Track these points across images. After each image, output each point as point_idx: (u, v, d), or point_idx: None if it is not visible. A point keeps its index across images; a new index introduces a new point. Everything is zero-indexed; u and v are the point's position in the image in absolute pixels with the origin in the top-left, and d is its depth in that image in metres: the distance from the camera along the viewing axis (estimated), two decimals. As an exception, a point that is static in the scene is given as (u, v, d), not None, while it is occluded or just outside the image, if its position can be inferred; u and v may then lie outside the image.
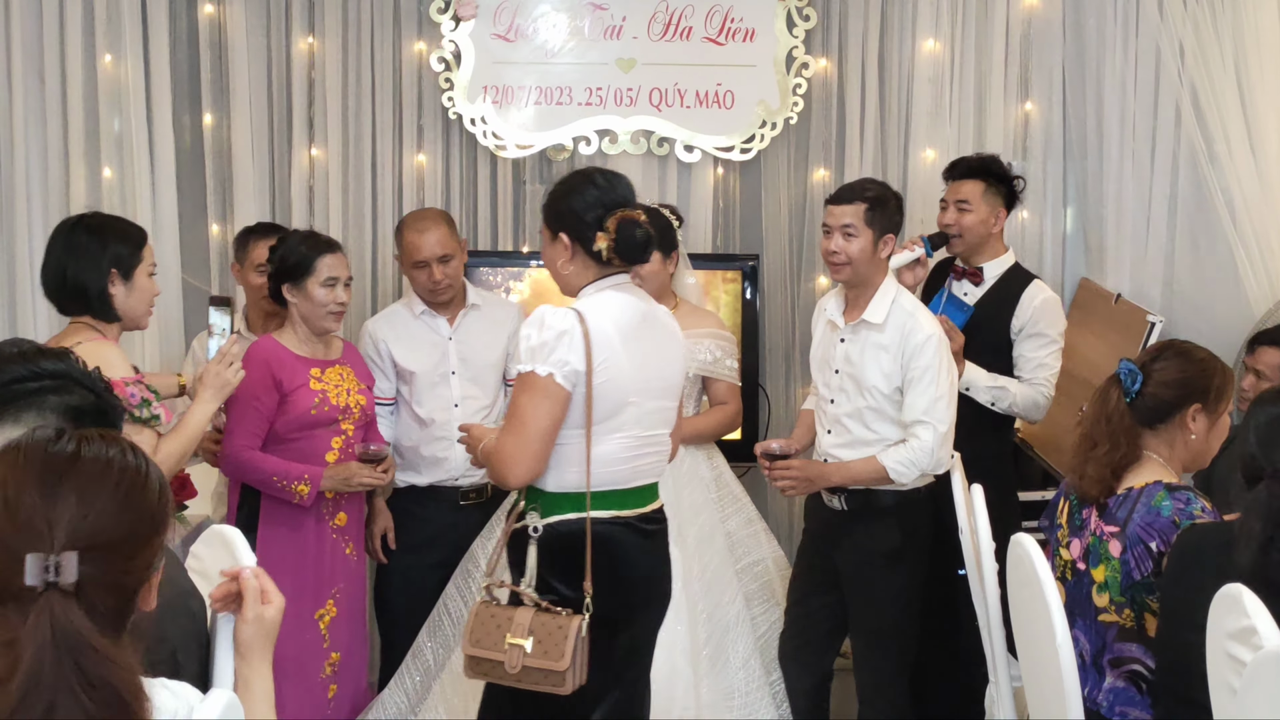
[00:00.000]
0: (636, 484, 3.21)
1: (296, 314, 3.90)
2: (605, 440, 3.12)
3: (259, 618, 2.01)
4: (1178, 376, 3.08)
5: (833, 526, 3.95)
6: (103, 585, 1.59)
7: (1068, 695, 2.53)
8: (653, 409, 3.19)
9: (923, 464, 3.74)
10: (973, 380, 4.20)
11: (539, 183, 5.18)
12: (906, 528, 3.90)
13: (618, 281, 3.19)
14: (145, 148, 4.97)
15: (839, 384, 3.86)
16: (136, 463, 1.70)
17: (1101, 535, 3.01)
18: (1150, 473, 3.04)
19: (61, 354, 2.24)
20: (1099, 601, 2.99)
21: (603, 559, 3.10)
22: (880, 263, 3.83)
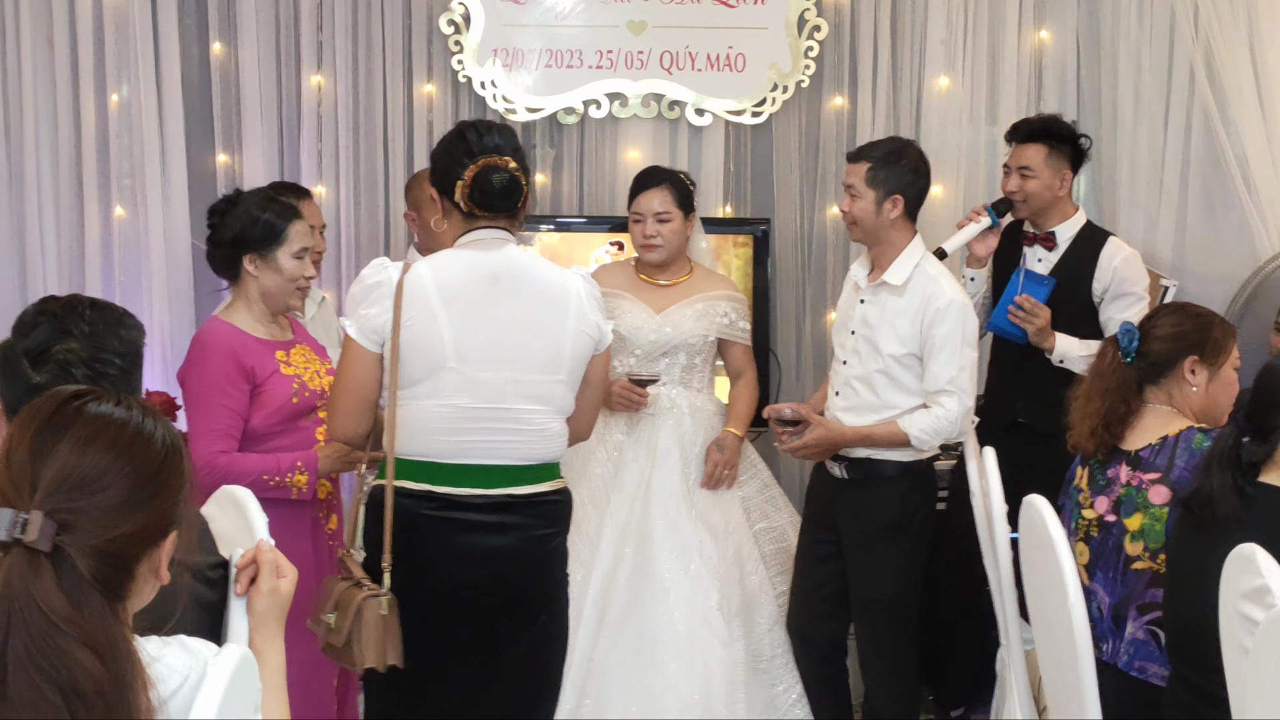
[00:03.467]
0: (469, 460, 2.98)
1: (254, 290, 3.38)
2: (417, 405, 2.96)
3: (274, 590, 2.02)
4: (1173, 330, 3.19)
5: (834, 495, 3.93)
6: (84, 549, 1.57)
7: (1080, 655, 2.53)
8: (495, 380, 2.97)
9: (946, 432, 3.73)
10: (1066, 352, 4.11)
11: (549, 146, 5.16)
12: (908, 499, 3.88)
13: (478, 237, 3.04)
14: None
15: (853, 345, 3.84)
16: (141, 422, 1.67)
17: (1139, 485, 3.07)
18: (1164, 422, 3.13)
19: None
20: (1131, 550, 3.05)
21: (402, 534, 2.95)
22: (894, 223, 3.78)
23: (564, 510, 3.16)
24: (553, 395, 3.05)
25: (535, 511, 3.06)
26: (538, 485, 3.06)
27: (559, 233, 4.94)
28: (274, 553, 2.04)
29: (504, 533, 3.01)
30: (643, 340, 4.10)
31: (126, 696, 1.54)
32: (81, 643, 1.52)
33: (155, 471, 1.66)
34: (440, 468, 2.98)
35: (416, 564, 2.97)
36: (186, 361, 3.37)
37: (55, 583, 1.54)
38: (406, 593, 2.93)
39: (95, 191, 4.96)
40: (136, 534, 1.62)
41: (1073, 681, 2.60)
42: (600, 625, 3.96)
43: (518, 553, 3.03)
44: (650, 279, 4.19)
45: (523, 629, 3.07)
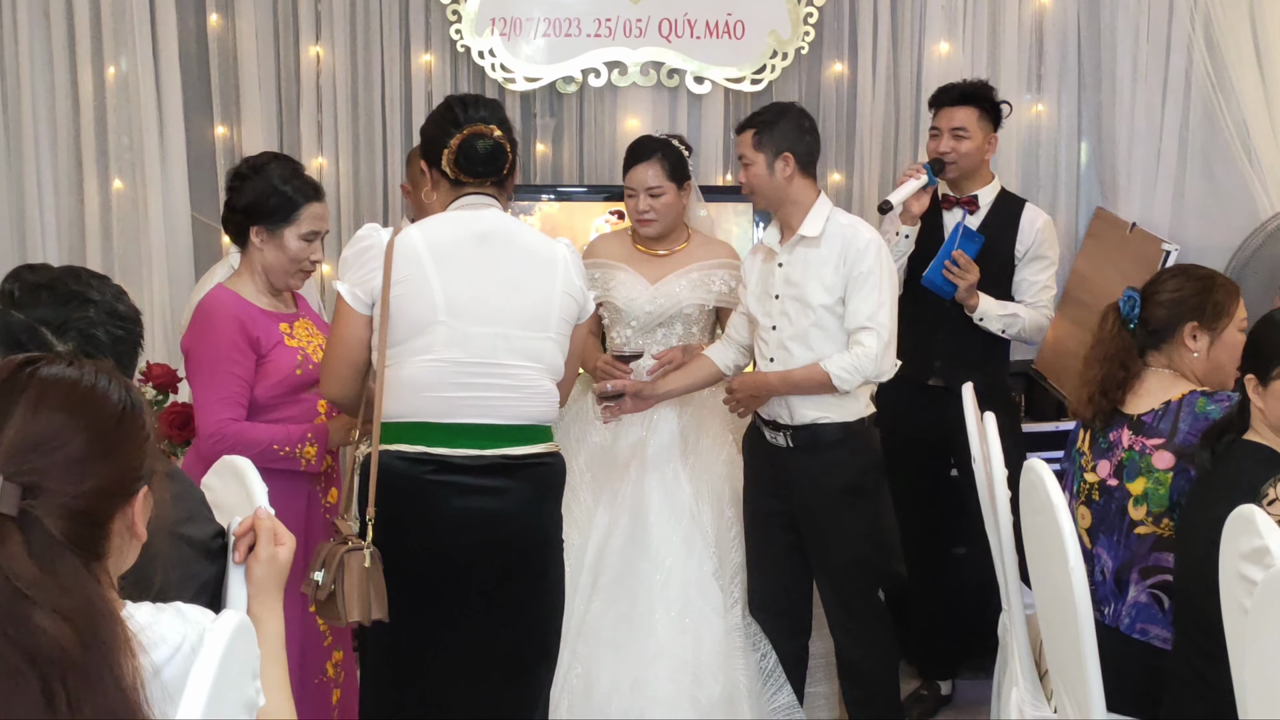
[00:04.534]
0: (463, 419, 3.01)
1: (258, 262, 3.33)
2: (409, 363, 3.00)
3: (272, 558, 2.01)
4: (1172, 296, 3.18)
5: (780, 466, 3.89)
6: (51, 509, 1.57)
7: (1080, 618, 2.53)
8: (486, 334, 3.00)
9: (866, 370, 3.69)
10: (986, 310, 4.20)
11: (549, 116, 5.15)
12: (859, 460, 3.87)
13: (466, 202, 3.11)
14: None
15: (780, 309, 3.80)
16: (94, 380, 1.67)
17: (1142, 450, 3.08)
18: (1166, 385, 3.13)
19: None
20: (1135, 514, 3.05)
21: (399, 498, 2.97)
22: (792, 181, 3.76)
23: (558, 474, 3.18)
24: (542, 352, 3.08)
25: (530, 475, 3.08)
26: (532, 446, 3.08)
27: (559, 202, 4.92)
28: (272, 520, 2.04)
29: (500, 496, 3.03)
30: (638, 311, 4.10)
31: (107, 662, 1.54)
32: (49, 608, 1.52)
33: (113, 425, 1.65)
34: (434, 428, 3.00)
35: (413, 528, 2.99)
36: (192, 330, 3.33)
37: (23, 548, 1.54)
38: (403, 557, 2.95)
39: (94, 164, 4.96)
40: (104, 489, 1.62)
41: (1073, 645, 2.60)
42: (593, 590, 3.97)
43: (514, 517, 3.05)
44: (647, 249, 4.18)
45: (519, 593, 3.09)
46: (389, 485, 2.98)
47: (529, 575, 3.11)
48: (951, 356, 4.27)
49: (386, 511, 2.97)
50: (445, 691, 3.08)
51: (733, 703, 3.88)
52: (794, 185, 3.77)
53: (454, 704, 3.09)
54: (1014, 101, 4.78)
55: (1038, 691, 3.16)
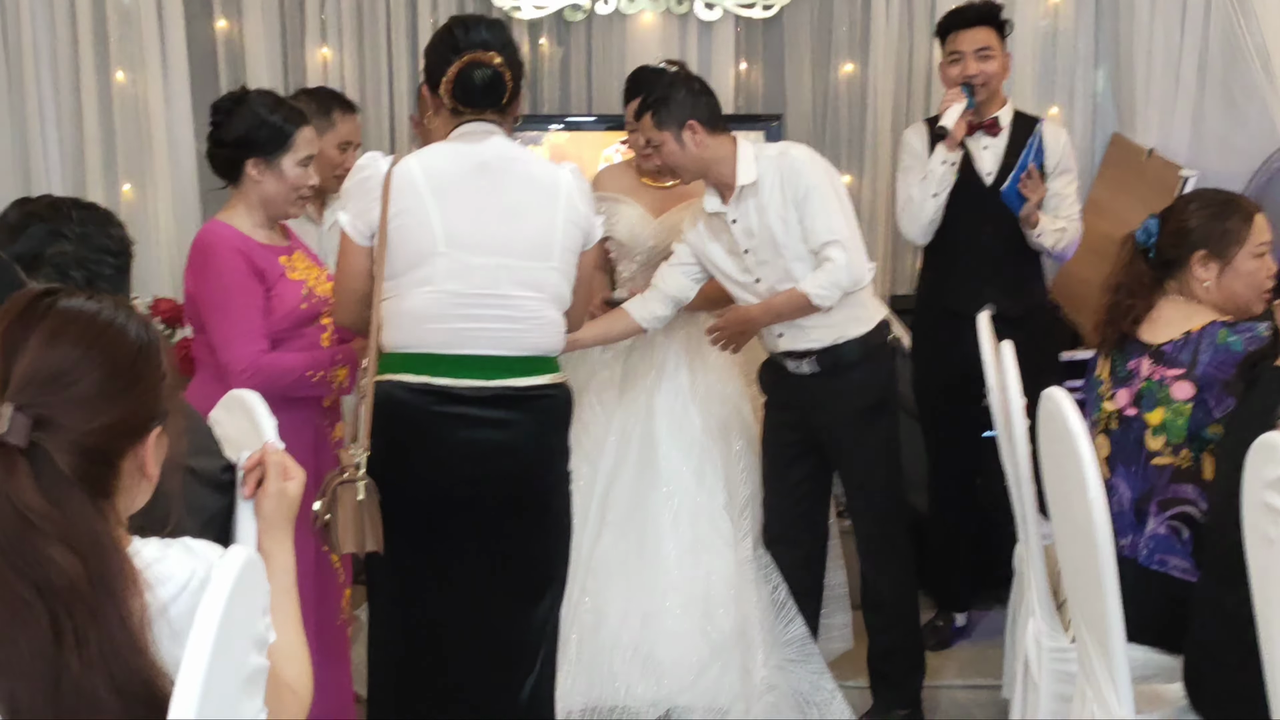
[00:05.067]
0: (467, 350, 2.98)
1: (255, 196, 3.25)
2: (410, 295, 2.97)
3: (281, 492, 1.98)
4: (1179, 226, 3.13)
5: (804, 392, 3.87)
6: (62, 444, 1.53)
7: (1100, 549, 2.49)
8: (487, 265, 2.96)
9: (842, 282, 3.63)
10: (1044, 226, 4.19)
11: (557, 45, 5.07)
12: (882, 375, 3.88)
13: (466, 130, 3.05)
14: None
15: (754, 261, 3.74)
16: (113, 315, 1.63)
17: (1162, 380, 3.03)
18: (1185, 314, 3.08)
19: None
20: (1153, 445, 3.02)
21: (402, 430, 2.95)
22: (705, 145, 3.67)
23: (564, 405, 3.14)
24: (545, 282, 3.04)
25: (536, 406, 3.05)
26: (537, 378, 3.05)
27: (568, 132, 4.87)
28: (281, 455, 2.01)
29: (505, 428, 3.01)
30: (642, 245, 4.05)
31: (114, 596, 1.51)
32: (59, 540, 1.49)
33: (130, 362, 1.62)
34: (438, 359, 2.98)
35: (415, 459, 2.97)
36: (195, 271, 3.24)
37: (32, 480, 1.51)
38: (406, 488, 2.94)
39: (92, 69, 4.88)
40: (116, 427, 1.58)
41: (1093, 576, 2.56)
42: (603, 524, 3.95)
43: (519, 449, 3.03)
44: (652, 180, 4.12)
45: (525, 526, 3.07)
46: (391, 415, 2.96)
47: (534, 507, 3.09)
48: (989, 282, 4.23)
49: (389, 442, 2.95)
50: (452, 621, 3.07)
51: (744, 636, 3.86)
52: (708, 148, 3.68)
53: (460, 632, 3.08)
54: (1029, 25, 4.71)
55: (1055, 622, 3.14)
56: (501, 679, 3.10)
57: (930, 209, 4.20)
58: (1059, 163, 4.25)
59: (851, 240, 3.67)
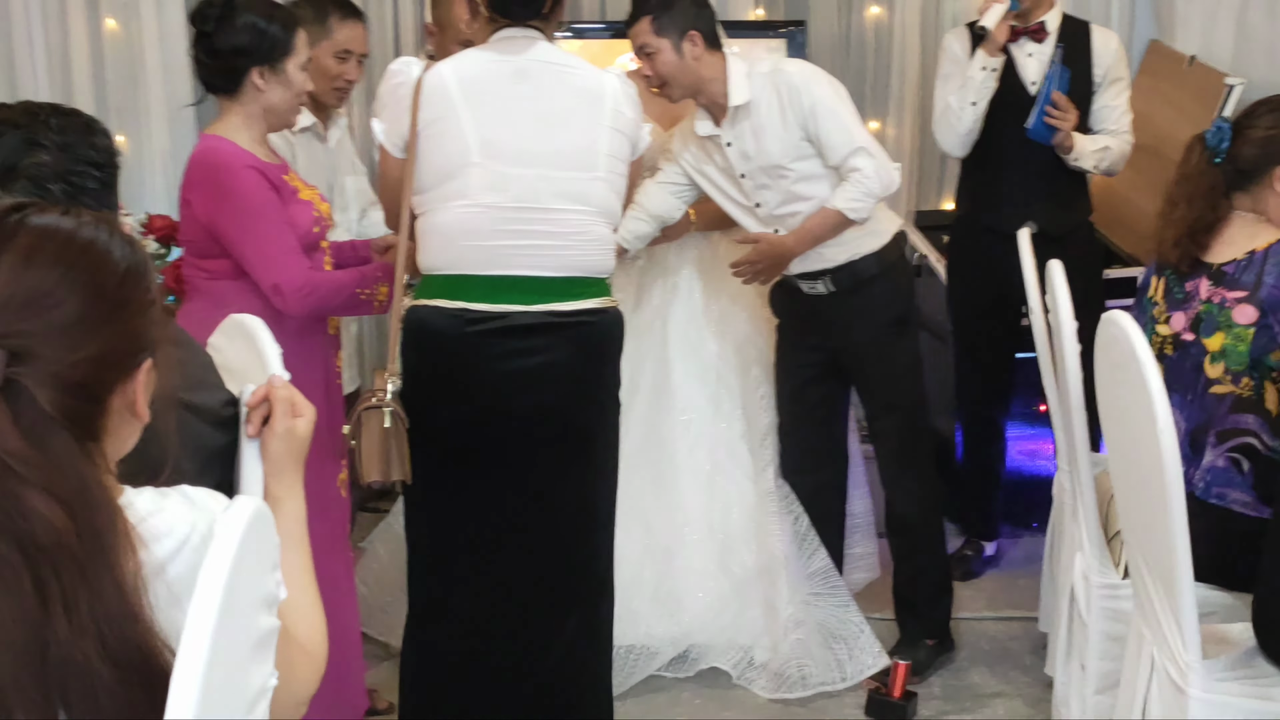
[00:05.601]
0: (507, 271, 2.78)
1: (257, 106, 3.02)
2: (443, 209, 2.78)
3: (290, 431, 1.77)
4: (1264, 134, 2.89)
5: (823, 312, 3.71)
6: (43, 378, 1.34)
7: (1168, 484, 2.32)
8: (526, 176, 2.76)
9: (874, 190, 3.48)
10: (1081, 150, 3.96)
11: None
12: (902, 290, 3.73)
13: (505, 36, 2.85)
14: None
15: (752, 185, 3.56)
16: (93, 232, 1.42)
17: (1222, 303, 2.83)
18: (1251, 233, 2.87)
19: None
20: (1211, 372, 2.83)
21: (438, 359, 2.78)
22: (703, 60, 3.48)
23: (612, 331, 2.93)
24: (590, 194, 2.83)
25: (579, 333, 2.84)
26: (584, 301, 2.85)
27: (578, 40, 4.65)
28: (289, 389, 1.81)
29: (549, 355, 2.80)
30: (654, 161, 3.81)
31: (105, 554, 1.32)
32: (42, 488, 1.30)
33: (115, 286, 1.42)
34: (476, 281, 2.78)
35: (450, 390, 2.78)
36: (207, 192, 2.99)
37: (10, 420, 1.31)
38: (440, 419, 2.77)
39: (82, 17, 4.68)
40: (102, 359, 1.39)
41: (1157, 512, 2.39)
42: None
43: (564, 378, 2.82)
44: (660, 92, 3.87)
45: (570, 461, 2.88)
46: (425, 343, 2.79)
47: (578, 443, 2.89)
48: (1030, 198, 4.04)
49: (422, 372, 2.78)
50: (493, 557, 2.88)
51: (768, 570, 3.71)
52: (704, 63, 3.49)
53: (496, 574, 2.89)
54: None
55: (1105, 558, 2.98)
56: (541, 622, 2.91)
57: (968, 119, 3.99)
58: (1108, 71, 4.02)
59: (873, 145, 3.51)
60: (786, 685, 3.58)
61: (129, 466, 1.47)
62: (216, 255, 3.03)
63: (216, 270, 3.04)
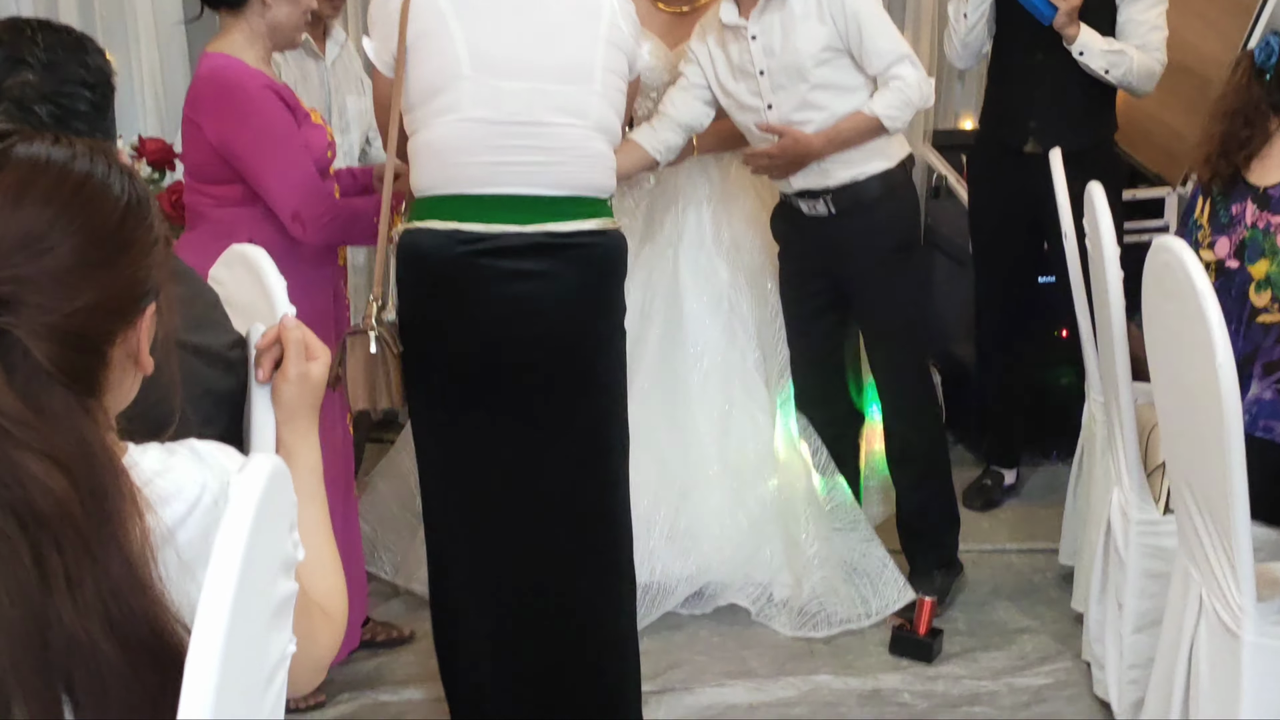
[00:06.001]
0: (500, 190, 2.62)
1: (263, 24, 2.89)
2: (433, 125, 2.62)
3: (303, 376, 1.63)
4: None
5: (823, 236, 3.54)
6: (37, 329, 1.20)
7: (1227, 417, 2.19)
8: (519, 90, 2.60)
9: (914, 100, 3.35)
10: (1087, 44, 3.73)
11: None
12: (905, 212, 3.57)
13: None
14: None
15: (770, 85, 3.39)
16: (90, 165, 1.28)
17: (1267, 227, 2.69)
18: None
19: None
20: (1258, 300, 2.70)
21: (430, 284, 2.64)
22: None
23: (614, 254, 2.76)
24: (587, 107, 2.67)
25: (578, 255, 2.68)
26: (583, 221, 2.68)
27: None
28: (301, 330, 1.66)
29: (545, 281, 2.64)
30: (656, 81, 3.64)
31: (111, 522, 1.19)
32: (40, 452, 1.17)
33: (116, 224, 1.28)
34: (468, 201, 2.62)
35: (446, 319, 2.65)
36: (224, 115, 2.86)
37: (2, 377, 1.18)
38: (438, 351, 2.65)
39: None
40: (101, 306, 1.25)
41: (1210, 447, 2.27)
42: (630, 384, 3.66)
43: (563, 303, 2.67)
44: (667, 5, 3.69)
45: (574, 391, 2.73)
46: (418, 268, 2.65)
47: (580, 369, 2.73)
48: (1049, 115, 3.84)
49: (416, 298, 2.65)
50: (502, 494, 2.73)
51: (789, 506, 3.59)
52: None
53: (507, 511, 2.74)
54: None
55: (1145, 492, 2.87)
56: (557, 563, 2.77)
57: (962, 29, 3.86)
58: None
59: (916, 58, 3.38)
60: (810, 623, 3.47)
61: (128, 421, 1.33)
62: (226, 180, 2.92)
63: (225, 196, 2.93)
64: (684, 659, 3.39)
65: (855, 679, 3.28)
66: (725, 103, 3.49)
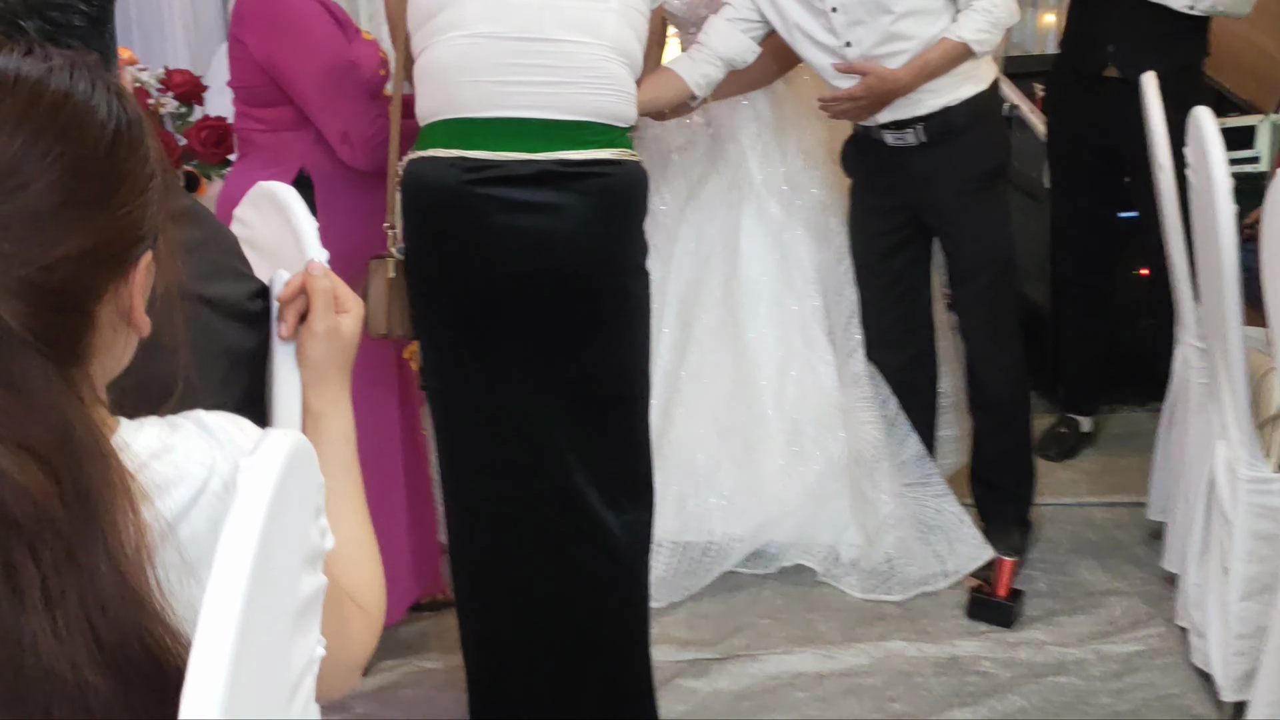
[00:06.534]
0: (507, 113, 2.39)
1: None
2: (436, 42, 2.40)
3: (332, 331, 1.40)
4: None
5: (907, 168, 3.31)
6: (11, 284, 0.97)
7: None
8: (529, 3, 2.37)
9: (1001, 19, 3.12)
10: None
11: None
12: (997, 142, 3.37)
13: None
14: None
15: (844, 21, 3.12)
16: (71, 86, 1.04)
17: None
18: None
19: None
20: None
21: (432, 215, 2.45)
22: None
23: (631, 186, 2.51)
24: (602, 25, 2.41)
25: (592, 186, 2.43)
26: (598, 150, 2.43)
27: None
28: (330, 278, 1.43)
29: (554, 213, 2.41)
30: (694, 15, 3.37)
31: (98, 520, 0.97)
32: (12, 441, 0.95)
33: (104, 154, 1.05)
34: (473, 125, 2.40)
35: (455, 253, 2.44)
36: (268, 29, 2.70)
37: None
38: (443, 288, 2.47)
39: None
40: (87, 255, 1.02)
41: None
42: (687, 338, 3.43)
43: (574, 238, 2.43)
44: None
45: (587, 331, 2.49)
46: (421, 198, 2.45)
47: (595, 310, 2.49)
48: (1130, 39, 3.57)
49: (419, 230, 2.47)
50: (511, 441, 2.51)
51: (859, 461, 3.35)
52: None
53: (524, 456, 2.52)
54: None
55: (1255, 448, 2.63)
56: (571, 516, 2.54)
57: None
58: None
59: None
60: (882, 585, 3.26)
61: (122, 392, 1.12)
62: (275, 103, 2.75)
63: (275, 120, 2.77)
64: (746, 623, 3.18)
65: (931, 645, 3.06)
66: (793, 38, 3.23)
